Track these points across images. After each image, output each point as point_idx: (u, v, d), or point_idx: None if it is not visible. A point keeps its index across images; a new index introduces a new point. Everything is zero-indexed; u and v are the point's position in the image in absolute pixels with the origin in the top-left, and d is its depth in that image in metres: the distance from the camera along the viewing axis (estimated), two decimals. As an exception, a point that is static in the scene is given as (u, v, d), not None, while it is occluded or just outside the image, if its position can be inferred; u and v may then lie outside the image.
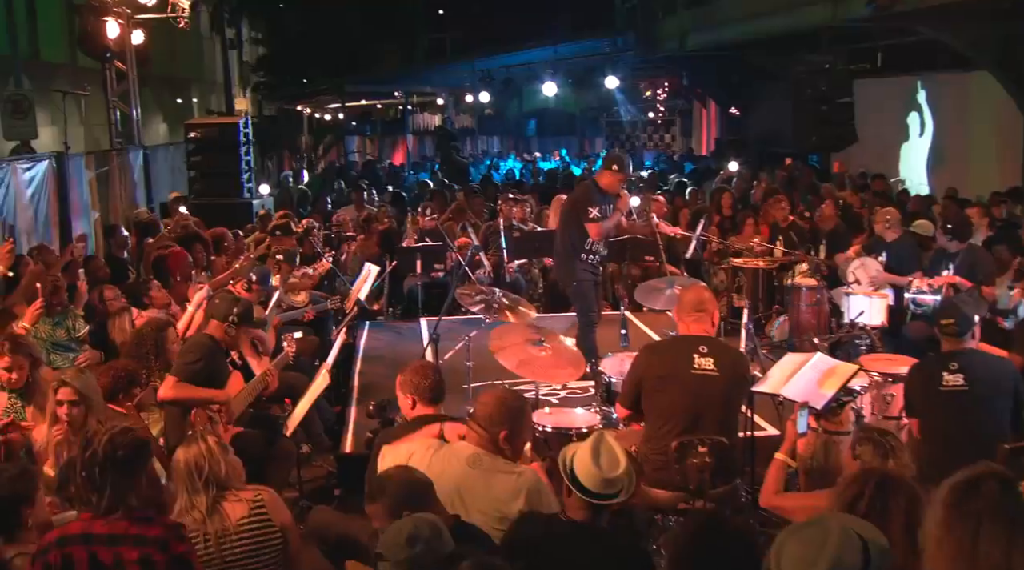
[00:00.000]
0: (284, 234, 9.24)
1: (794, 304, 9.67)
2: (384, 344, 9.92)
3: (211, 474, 3.92)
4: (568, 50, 22.00)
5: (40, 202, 9.58)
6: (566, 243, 8.12)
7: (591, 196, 7.85)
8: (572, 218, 8.00)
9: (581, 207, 7.85)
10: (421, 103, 31.44)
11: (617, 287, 11.60)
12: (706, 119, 30.71)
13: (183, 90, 30.10)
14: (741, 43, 17.51)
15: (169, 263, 8.58)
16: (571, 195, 8.70)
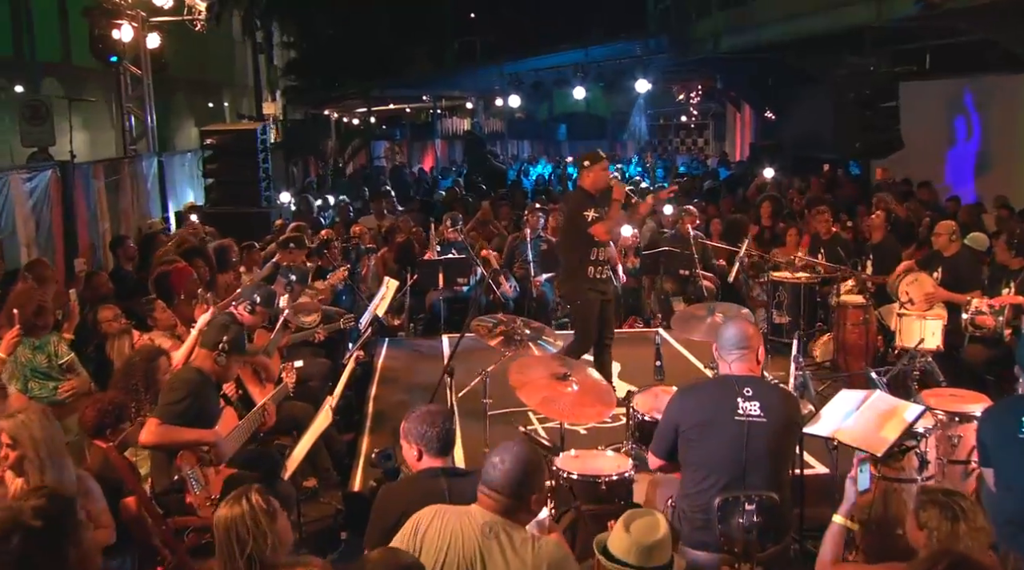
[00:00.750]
0: (297, 247, 8.72)
1: (839, 323, 9.05)
2: (403, 364, 9.39)
3: (255, 550, 3.28)
4: (599, 53, 21.43)
5: (43, 213, 9.14)
6: (572, 259, 7.71)
7: (582, 201, 7.52)
8: (572, 230, 7.67)
9: (576, 215, 7.50)
10: (450, 107, 30.96)
11: (649, 301, 11.01)
12: (740, 123, 30.00)
13: (215, 94, 29.91)
14: (777, 44, 16.84)
15: (172, 280, 8.05)
16: (563, 210, 8.16)
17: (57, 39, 22.29)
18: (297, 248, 8.71)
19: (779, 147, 22.28)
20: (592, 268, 7.64)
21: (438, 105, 28.36)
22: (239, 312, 6.53)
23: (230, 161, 12.69)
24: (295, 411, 6.36)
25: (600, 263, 7.69)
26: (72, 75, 23.13)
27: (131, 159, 11.87)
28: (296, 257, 8.69)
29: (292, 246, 8.69)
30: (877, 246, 9.94)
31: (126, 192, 11.34)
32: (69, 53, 23.92)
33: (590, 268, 7.62)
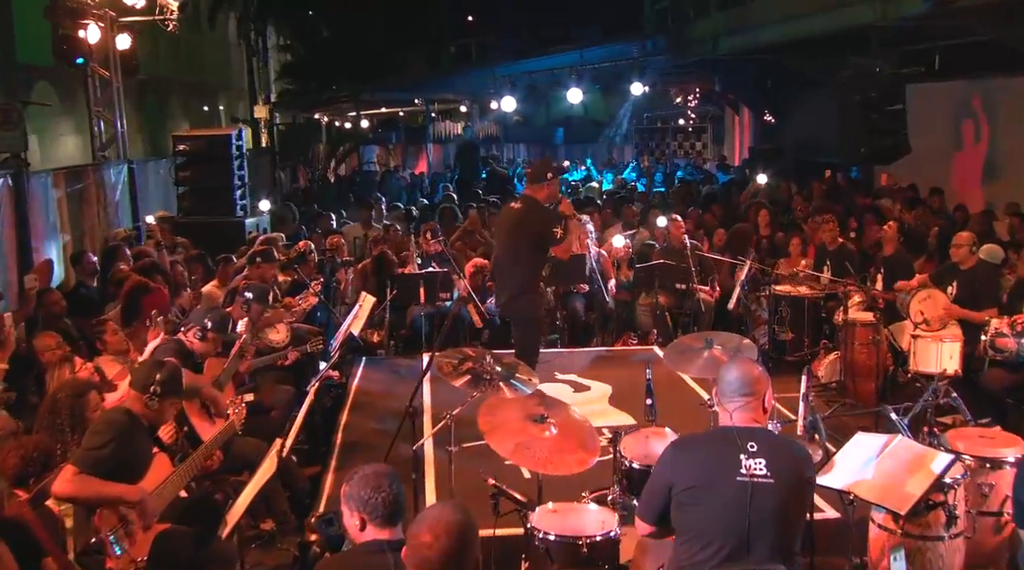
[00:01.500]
0: (264, 262, 8.09)
1: (847, 342, 8.45)
2: (379, 386, 8.77)
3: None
4: (595, 55, 20.79)
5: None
6: (528, 274, 7.49)
7: (551, 216, 7.34)
8: (536, 244, 7.40)
9: (546, 230, 7.26)
10: (444, 111, 30.31)
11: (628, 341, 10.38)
12: (739, 126, 29.37)
13: (211, 98, 29.33)
14: (778, 46, 16.21)
15: (144, 300, 7.42)
16: (522, 219, 7.48)
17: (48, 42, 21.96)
18: (265, 262, 8.07)
19: (779, 151, 21.67)
20: (543, 285, 7.92)
21: (431, 109, 27.69)
22: (188, 338, 5.92)
23: (203, 168, 12.08)
24: (246, 448, 5.73)
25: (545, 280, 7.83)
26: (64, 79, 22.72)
27: (96, 166, 11.21)
28: (266, 272, 8.07)
29: (259, 261, 8.06)
30: (888, 259, 9.32)
31: (91, 202, 10.71)
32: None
33: (541, 284, 7.64)
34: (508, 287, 7.60)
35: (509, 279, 7.56)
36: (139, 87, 27.24)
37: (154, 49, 28.80)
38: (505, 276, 7.68)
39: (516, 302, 7.57)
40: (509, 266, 7.60)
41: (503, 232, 7.86)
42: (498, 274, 8.02)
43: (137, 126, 26.26)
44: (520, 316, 7.70)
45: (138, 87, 27.21)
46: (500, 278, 7.90)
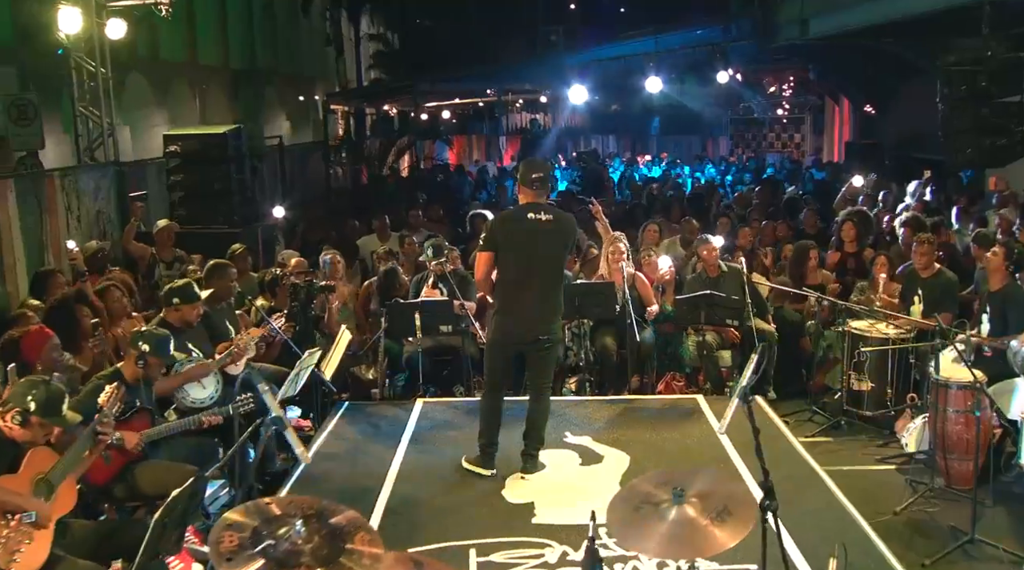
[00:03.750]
0: (183, 303, 6.54)
1: (938, 405, 6.52)
2: (349, 446, 7.18)
3: None
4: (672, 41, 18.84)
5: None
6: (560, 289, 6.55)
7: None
8: (566, 254, 6.65)
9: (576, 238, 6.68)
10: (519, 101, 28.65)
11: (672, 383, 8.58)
12: (838, 117, 27.03)
13: (307, 89, 28.49)
14: (873, 28, 14.10)
15: (23, 347, 6.02)
16: (560, 232, 6.38)
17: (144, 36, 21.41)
18: (185, 304, 6.52)
19: (878, 147, 19.41)
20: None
21: (504, 99, 26.02)
22: (5, 424, 4.40)
23: (197, 172, 10.68)
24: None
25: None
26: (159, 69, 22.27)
27: (67, 172, 9.87)
28: (187, 315, 6.54)
29: (177, 301, 6.51)
30: (997, 295, 7.32)
31: (54, 212, 9.38)
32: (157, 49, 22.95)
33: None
34: (549, 314, 6.43)
35: (548, 303, 6.41)
36: (233, 79, 26.70)
37: (248, 39, 28.34)
38: (541, 299, 6.37)
39: (556, 329, 6.57)
40: (550, 289, 6.41)
41: (538, 247, 6.34)
42: (534, 301, 6.36)
43: (231, 119, 25.61)
44: (553, 342, 6.57)
45: (232, 79, 26.69)
46: (540, 304, 6.38)
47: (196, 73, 25.78)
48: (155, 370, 5.67)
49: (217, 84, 26.84)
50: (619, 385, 8.53)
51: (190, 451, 5.93)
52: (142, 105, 23.09)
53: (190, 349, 6.55)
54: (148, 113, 23.48)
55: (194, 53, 25.59)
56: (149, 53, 23.43)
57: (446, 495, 6.18)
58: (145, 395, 5.73)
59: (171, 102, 24.79)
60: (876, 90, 20.25)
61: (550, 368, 6.71)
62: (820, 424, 7.85)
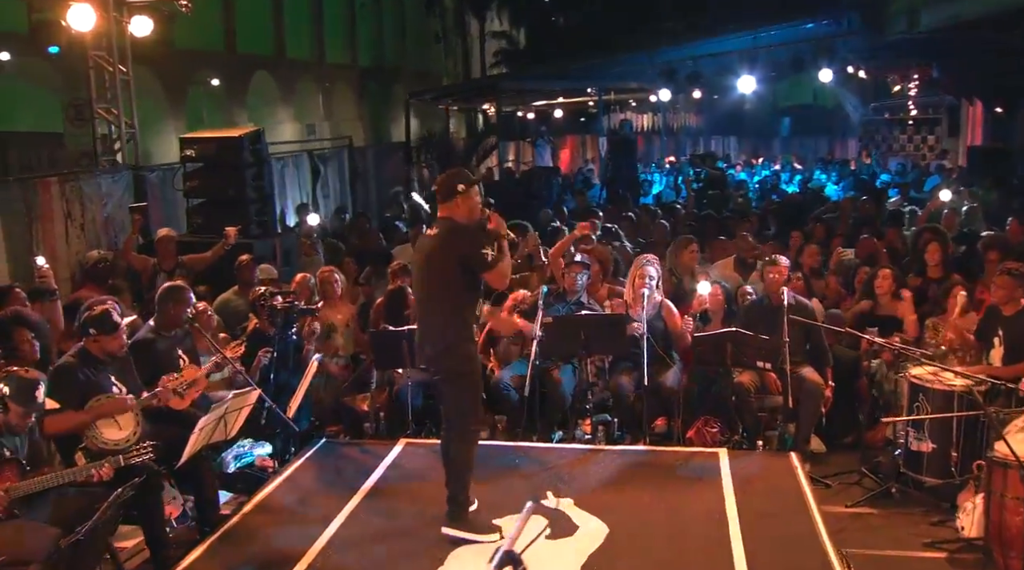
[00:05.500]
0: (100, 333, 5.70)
1: (993, 488, 5.20)
2: (297, 496, 6.29)
3: None
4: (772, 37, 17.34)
5: None
6: (456, 317, 5.49)
7: (476, 234, 5.46)
8: (462, 277, 5.44)
9: (472, 254, 5.37)
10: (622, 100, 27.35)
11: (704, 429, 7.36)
12: (971, 119, 24.78)
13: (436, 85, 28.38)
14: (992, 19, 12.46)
15: None
16: (440, 247, 5.49)
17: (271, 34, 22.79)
18: (101, 334, 5.71)
19: (1004, 152, 17.46)
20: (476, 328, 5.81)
21: (606, 99, 24.78)
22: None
23: (213, 178, 9.99)
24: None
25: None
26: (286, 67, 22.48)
27: (67, 177, 9.30)
28: (107, 346, 5.73)
29: (94, 332, 5.71)
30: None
31: (51, 219, 8.82)
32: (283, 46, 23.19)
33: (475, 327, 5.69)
34: (432, 338, 5.56)
35: (432, 328, 5.58)
36: (361, 75, 26.69)
37: (378, 36, 28.37)
38: (426, 324, 5.60)
39: (446, 356, 5.49)
40: (430, 311, 5.61)
41: (416, 269, 5.85)
42: (418, 323, 5.76)
43: (358, 114, 25.49)
44: (451, 373, 5.53)
45: (360, 75, 26.68)
46: (420, 327, 5.69)
47: (323, 71, 25.87)
48: (17, 418, 4.86)
49: (344, 82, 26.88)
50: (637, 431, 7.39)
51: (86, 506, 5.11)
52: (268, 102, 23.33)
53: (112, 383, 5.77)
54: (274, 110, 23.69)
55: (322, 52, 25.70)
56: (275, 51, 23.71)
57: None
58: (18, 443, 4.96)
59: (297, 100, 24.94)
60: (1006, 89, 18.28)
61: (456, 403, 5.59)
62: (869, 490, 6.57)
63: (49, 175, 9.07)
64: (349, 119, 26.20)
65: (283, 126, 23.95)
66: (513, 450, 7.01)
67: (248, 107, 23.10)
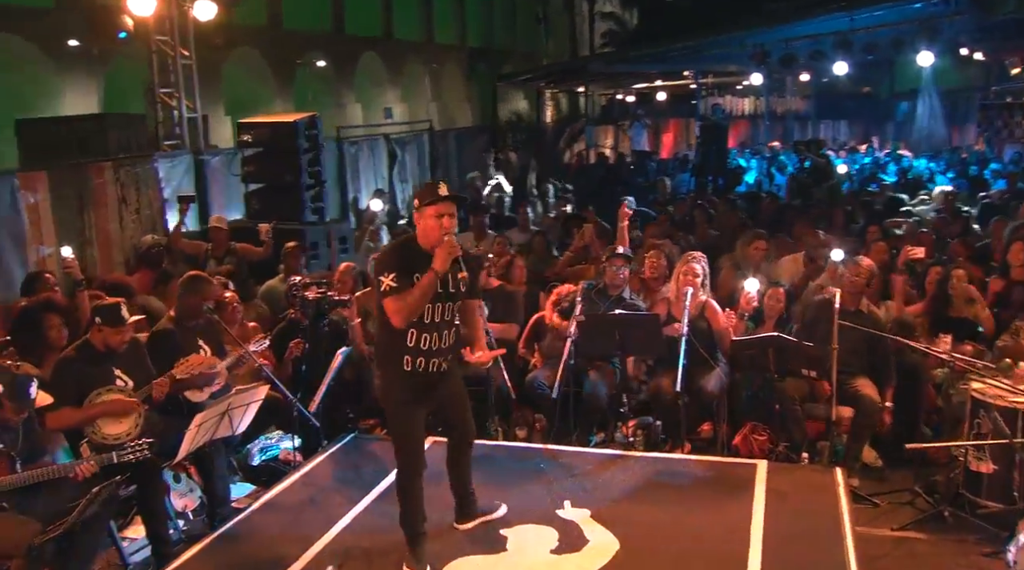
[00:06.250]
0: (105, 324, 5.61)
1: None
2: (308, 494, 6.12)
3: None
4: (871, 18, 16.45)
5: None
6: (382, 339, 5.07)
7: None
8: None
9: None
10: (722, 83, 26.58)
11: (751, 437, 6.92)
12: (1101, 103, 23.25)
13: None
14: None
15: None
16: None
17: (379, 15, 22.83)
18: (107, 325, 5.61)
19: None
20: (410, 356, 4.88)
21: (702, 81, 24.09)
22: None
23: (270, 163, 9.94)
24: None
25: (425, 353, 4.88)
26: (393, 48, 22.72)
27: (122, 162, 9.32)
28: (109, 339, 5.65)
29: (99, 322, 5.63)
30: None
31: (103, 204, 8.86)
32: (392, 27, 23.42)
33: (406, 356, 4.87)
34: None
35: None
36: (470, 56, 26.71)
37: (488, 17, 28.36)
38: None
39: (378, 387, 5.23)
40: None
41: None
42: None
43: (465, 95, 25.53)
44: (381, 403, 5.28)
45: (469, 56, 26.70)
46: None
47: (431, 52, 25.93)
48: (10, 413, 4.79)
49: (453, 63, 26.89)
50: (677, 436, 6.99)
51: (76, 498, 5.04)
52: (376, 83, 23.52)
53: (115, 376, 5.69)
54: (381, 91, 23.86)
55: (431, 32, 25.76)
56: (384, 32, 23.86)
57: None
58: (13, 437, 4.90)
59: (404, 81, 25.06)
60: None
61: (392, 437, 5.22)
62: (921, 511, 6.07)
63: (102, 160, 9.09)
64: (457, 100, 26.16)
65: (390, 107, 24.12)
66: (540, 453, 6.73)
67: (355, 88, 23.26)
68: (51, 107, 13.92)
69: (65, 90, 14.40)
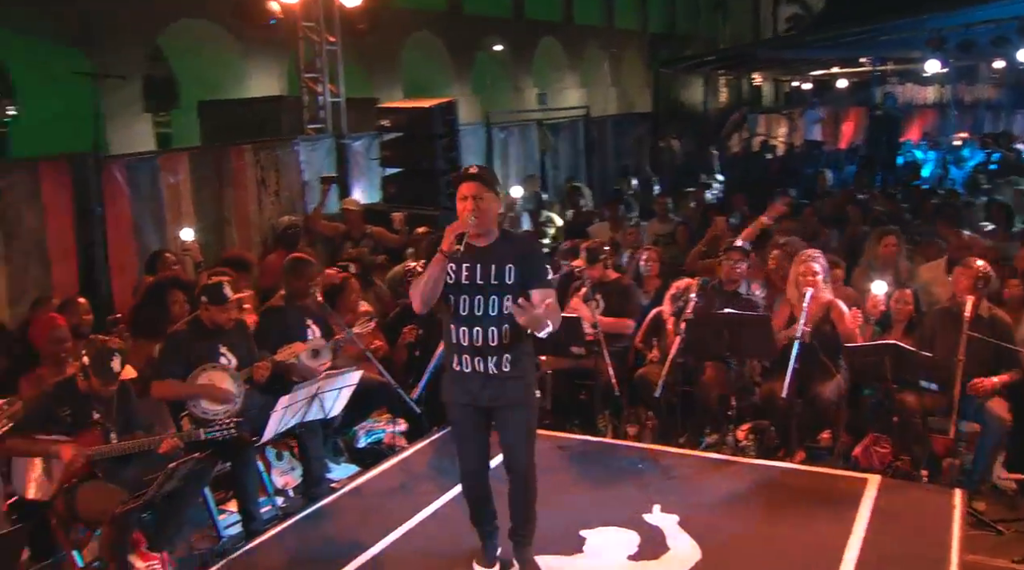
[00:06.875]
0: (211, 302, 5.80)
1: None
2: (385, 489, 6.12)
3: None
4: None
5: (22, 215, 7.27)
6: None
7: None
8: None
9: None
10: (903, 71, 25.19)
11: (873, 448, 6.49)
12: None
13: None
14: None
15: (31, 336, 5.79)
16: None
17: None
18: (212, 304, 5.79)
19: None
20: (454, 354, 4.59)
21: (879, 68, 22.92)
22: None
23: (407, 148, 10.08)
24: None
25: (467, 349, 4.53)
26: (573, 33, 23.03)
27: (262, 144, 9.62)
28: (216, 316, 5.82)
29: (205, 301, 5.82)
30: None
31: (243, 185, 9.19)
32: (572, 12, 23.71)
33: (453, 354, 4.60)
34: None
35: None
36: (651, 41, 26.65)
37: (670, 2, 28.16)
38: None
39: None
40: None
41: None
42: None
43: (646, 81, 25.57)
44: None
45: (650, 42, 26.65)
46: None
47: (611, 37, 25.93)
48: (99, 387, 5.01)
49: (633, 49, 26.78)
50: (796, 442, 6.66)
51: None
52: (555, 68, 23.74)
53: (220, 354, 5.87)
54: (560, 76, 24.06)
55: (611, 17, 25.72)
56: (563, 17, 24.01)
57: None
58: (108, 407, 5.13)
59: (584, 66, 25.17)
60: None
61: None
62: (1050, 540, 5.56)
63: (243, 142, 9.44)
64: (637, 86, 25.99)
65: (568, 92, 24.19)
66: (643, 453, 6.55)
67: (533, 73, 23.47)
68: (237, 89, 14.71)
69: (252, 73, 15.17)
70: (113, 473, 5.02)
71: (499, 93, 22.27)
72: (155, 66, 16.29)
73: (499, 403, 4.56)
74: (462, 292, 4.50)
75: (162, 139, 16.83)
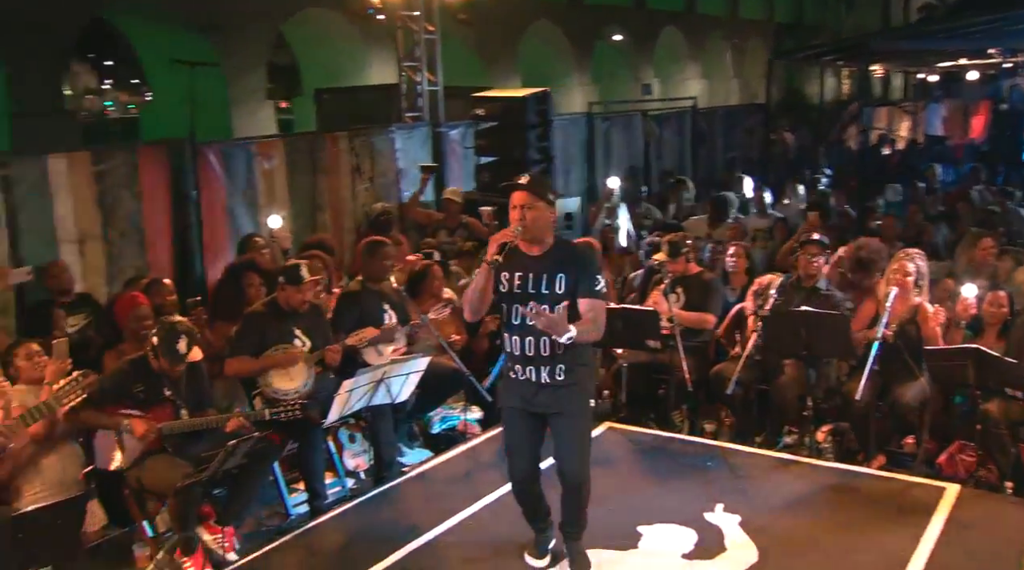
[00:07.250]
0: (288, 283, 5.95)
1: None
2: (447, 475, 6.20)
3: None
4: None
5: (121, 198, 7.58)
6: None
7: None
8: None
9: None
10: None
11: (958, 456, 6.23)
12: None
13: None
14: None
15: (116, 313, 6.05)
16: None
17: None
18: (289, 284, 5.93)
19: None
20: (509, 361, 4.58)
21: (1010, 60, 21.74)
22: None
23: (500, 138, 10.11)
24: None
25: (520, 359, 4.52)
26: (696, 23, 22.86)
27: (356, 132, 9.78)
28: (291, 297, 5.96)
29: (282, 281, 5.97)
30: None
31: (335, 172, 9.37)
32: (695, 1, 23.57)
33: (508, 362, 4.58)
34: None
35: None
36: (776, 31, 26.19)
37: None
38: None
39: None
40: None
41: None
42: None
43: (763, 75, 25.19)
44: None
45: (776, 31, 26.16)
46: None
47: (734, 27, 25.53)
48: (168, 366, 5.18)
49: (757, 38, 26.27)
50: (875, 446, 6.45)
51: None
52: (676, 58, 23.54)
53: (294, 336, 6.01)
54: (681, 67, 23.83)
55: (735, 7, 25.31)
56: (686, 6, 23.76)
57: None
58: (178, 385, 5.31)
59: (706, 56, 24.87)
60: None
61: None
62: None
63: (339, 130, 9.62)
64: (759, 78, 25.50)
65: (689, 83, 23.90)
66: (714, 450, 6.45)
67: (655, 64, 23.25)
68: (356, 77, 15.05)
69: (371, 61, 15.50)
70: (182, 448, 5.20)
71: (619, 83, 22.10)
72: (279, 54, 16.84)
73: (552, 410, 4.50)
74: (514, 301, 4.45)
75: (284, 125, 17.37)
